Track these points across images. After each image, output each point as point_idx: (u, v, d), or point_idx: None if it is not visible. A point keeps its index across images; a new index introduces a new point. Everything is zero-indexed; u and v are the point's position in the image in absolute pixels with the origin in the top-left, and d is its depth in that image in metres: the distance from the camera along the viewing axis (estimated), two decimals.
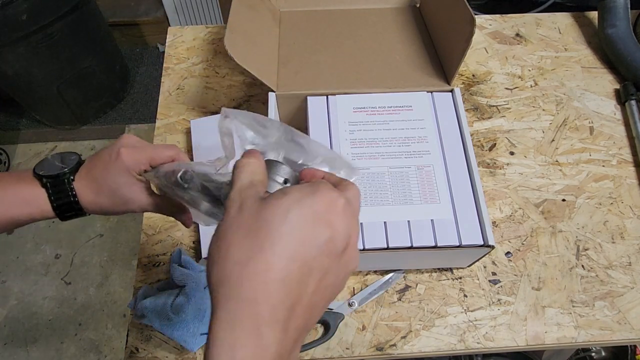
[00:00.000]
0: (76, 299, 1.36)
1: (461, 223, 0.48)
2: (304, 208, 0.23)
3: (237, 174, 0.27)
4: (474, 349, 0.51)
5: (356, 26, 0.67)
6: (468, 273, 0.56)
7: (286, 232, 0.23)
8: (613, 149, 0.66)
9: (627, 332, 0.52)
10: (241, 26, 0.56)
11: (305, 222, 0.23)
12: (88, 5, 1.42)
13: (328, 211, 0.24)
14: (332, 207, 0.24)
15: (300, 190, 0.25)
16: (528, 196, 0.62)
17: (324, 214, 0.24)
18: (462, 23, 0.54)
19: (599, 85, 0.72)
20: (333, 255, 0.24)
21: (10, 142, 1.66)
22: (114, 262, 1.43)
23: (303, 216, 0.23)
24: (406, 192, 0.50)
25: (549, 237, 0.58)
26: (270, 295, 0.22)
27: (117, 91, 1.72)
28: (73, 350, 1.29)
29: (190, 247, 0.58)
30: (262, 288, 0.22)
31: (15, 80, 1.42)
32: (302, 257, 0.23)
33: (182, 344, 0.49)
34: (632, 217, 0.60)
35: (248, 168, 0.27)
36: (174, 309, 0.48)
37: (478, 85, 0.72)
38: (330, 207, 0.24)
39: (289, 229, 0.23)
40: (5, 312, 1.34)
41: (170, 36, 0.79)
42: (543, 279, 0.55)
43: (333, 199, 0.25)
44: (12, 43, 1.28)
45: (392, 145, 0.53)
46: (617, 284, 0.55)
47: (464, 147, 0.53)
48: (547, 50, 0.76)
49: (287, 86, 0.58)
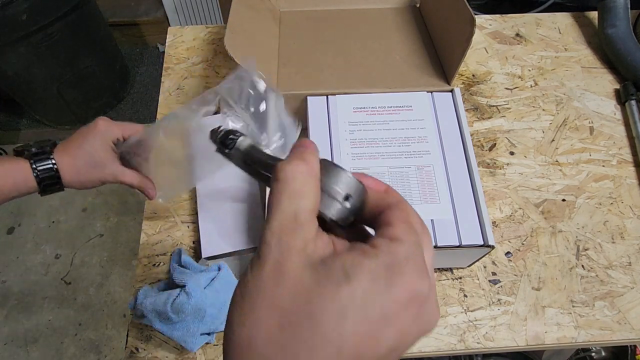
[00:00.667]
0: (76, 299, 1.36)
1: (461, 223, 0.48)
2: (371, 310, 0.17)
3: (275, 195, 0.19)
4: (474, 349, 0.51)
5: (356, 26, 0.67)
6: (468, 273, 0.56)
7: (335, 337, 0.16)
8: (613, 149, 0.66)
9: (627, 332, 0.52)
10: (241, 26, 0.56)
11: (367, 332, 0.16)
12: (88, 5, 1.43)
13: (403, 312, 0.17)
14: (410, 307, 0.17)
15: (373, 276, 0.17)
16: (528, 196, 0.62)
17: (396, 317, 0.17)
18: (462, 23, 0.54)
19: (599, 85, 0.72)
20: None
21: (10, 142, 1.66)
22: (114, 262, 1.43)
23: (367, 323, 0.17)
24: (406, 192, 0.50)
25: (549, 237, 0.58)
26: None
27: (117, 91, 1.72)
28: (73, 350, 1.29)
29: (190, 247, 0.58)
30: None
31: (15, 80, 1.42)
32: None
33: (182, 344, 0.49)
34: (632, 217, 0.60)
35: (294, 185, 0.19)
36: (174, 309, 0.48)
37: (478, 85, 0.72)
38: (407, 307, 0.17)
39: (340, 333, 0.16)
40: (5, 312, 1.35)
41: (170, 36, 0.79)
42: (543, 279, 0.55)
43: (415, 294, 0.17)
44: (12, 43, 1.28)
45: (392, 145, 0.53)
46: (617, 284, 0.55)
47: (464, 147, 0.53)
48: (547, 50, 0.76)
49: (287, 86, 0.58)
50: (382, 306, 0.17)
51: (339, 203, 0.20)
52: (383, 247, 0.18)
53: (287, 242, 0.18)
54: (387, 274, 0.17)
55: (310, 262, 0.18)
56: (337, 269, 0.17)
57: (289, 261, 0.18)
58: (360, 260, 0.18)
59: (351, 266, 0.17)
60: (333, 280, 0.17)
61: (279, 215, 0.19)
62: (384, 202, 0.21)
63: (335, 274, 0.17)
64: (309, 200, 0.19)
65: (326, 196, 0.20)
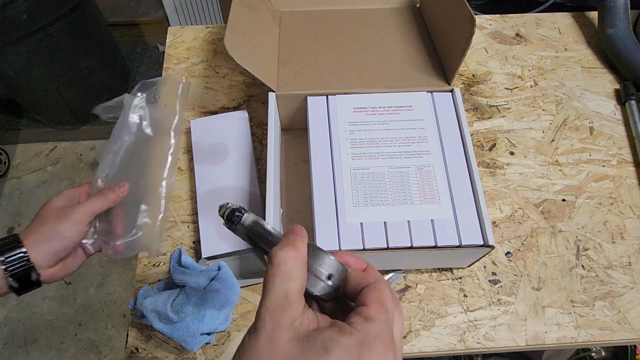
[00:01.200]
0: (76, 299, 1.36)
1: (461, 223, 0.48)
2: None
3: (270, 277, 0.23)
4: (474, 349, 0.51)
5: (356, 26, 0.67)
6: (468, 273, 0.56)
7: None
8: (613, 149, 0.66)
9: (627, 332, 0.52)
10: (241, 26, 0.56)
11: None
12: (88, 5, 1.42)
13: None
14: None
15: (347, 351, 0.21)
16: (528, 196, 0.62)
17: None
18: (462, 23, 0.54)
19: (599, 85, 0.72)
20: None
21: (10, 142, 1.66)
22: (114, 262, 1.43)
23: None
24: (406, 192, 0.50)
25: (549, 237, 0.58)
26: None
27: (117, 91, 1.72)
28: (73, 350, 1.29)
29: (190, 247, 0.58)
30: None
31: (15, 80, 1.42)
32: None
33: (182, 344, 0.49)
34: (632, 217, 0.60)
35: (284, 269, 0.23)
36: (174, 309, 0.48)
37: (478, 85, 0.72)
38: None
39: None
40: (5, 312, 1.34)
41: (170, 36, 0.79)
42: (543, 279, 0.55)
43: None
44: (12, 43, 1.28)
45: (392, 145, 0.53)
46: (617, 284, 0.55)
47: (464, 147, 0.53)
48: (547, 50, 0.76)
49: (287, 86, 0.58)
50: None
51: (323, 282, 0.25)
52: (357, 325, 0.22)
53: (278, 319, 0.22)
54: (358, 349, 0.21)
55: (297, 336, 0.22)
56: (318, 344, 0.21)
57: (279, 335, 0.22)
58: (337, 337, 0.22)
59: (330, 341, 0.21)
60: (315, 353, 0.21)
61: (272, 295, 0.23)
62: (364, 281, 0.25)
63: (316, 348, 0.21)
64: (297, 282, 0.23)
65: (312, 276, 0.24)
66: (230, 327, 0.52)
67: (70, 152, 1.65)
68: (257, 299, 0.54)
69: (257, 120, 0.68)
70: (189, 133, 0.66)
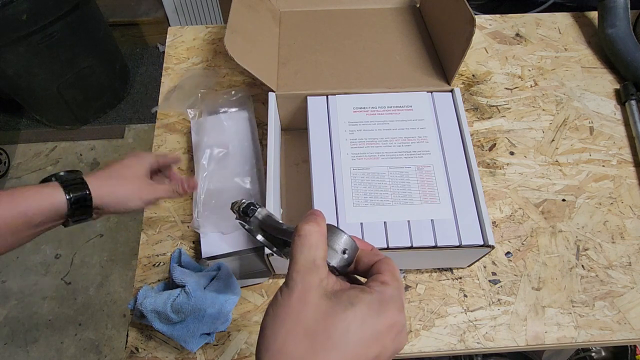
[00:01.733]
0: (76, 299, 1.36)
1: (461, 223, 0.48)
2: (366, 328, 0.24)
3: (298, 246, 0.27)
4: (474, 349, 0.51)
5: (356, 26, 0.67)
6: (468, 273, 0.56)
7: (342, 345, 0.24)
8: (613, 149, 0.66)
9: (627, 332, 0.52)
10: (241, 26, 0.56)
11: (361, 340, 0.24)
12: (88, 5, 1.42)
13: (386, 334, 0.25)
14: (391, 331, 0.25)
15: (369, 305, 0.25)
16: (528, 196, 0.61)
17: (381, 337, 0.25)
18: (462, 23, 0.54)
19: (599, 85, 0.72)
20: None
21: (10, 142, 1.66)
22: (114, 262, 1.43)
23: (362, 335, 0.24)
24: (406, 192, 0.50)
25: (549, 237, 0.58)
26: None
27: (117, 91, 1.72)
28: (73, 350, 1.29)
29: (190, 247, 0.58)
30: None
31: (15, 80, 1.42)
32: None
33: (182, 344, 0.49)
34: (632, 217, 0.60)
35: (311, 240, 0.27)
36: (174, 309, 0.48)
37: (478, 85, 0.72)
38: (389, 331, 0.25)
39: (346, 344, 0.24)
40: (5, 312, 1.34)
41: (170, 36, 0.79)
42: (543, 279, 0.55)
43: (396, 323, 0.25)
44: (12, 43, 1.28)
45: (392, 145, 0.53)
46: (617, 284, 0.55)
47: (464, 147, 0.53)
48: (547, 50, 0.76)
49: (287, 86, 0.58)
50: (374, 327, 0.24)
51: (339, 254, 0.28)
52: (376, 288, 0.26)
53: (309, 280, 0.25)
54: (378, 306, 0.25)
55: (326, 293, 0.25)
56: (344, 299, 0.25)
57: (310, 293, 0.25)
58: (360, 294, 0.25)
59: (354, 297, 0.25)
60: (342, 307, 0.24)
61: (301, 260, 0.26)
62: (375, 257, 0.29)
63: (343, 302, 0.25)
64: (321, 251, 0.27)
65: (330, 249, 0.28)
66: (230, 327, 0.52)
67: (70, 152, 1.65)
68: (257, 299, 0.54)
69: (257, 120, 0.68)
70: (189, 133, 0.66)
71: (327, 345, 0.23)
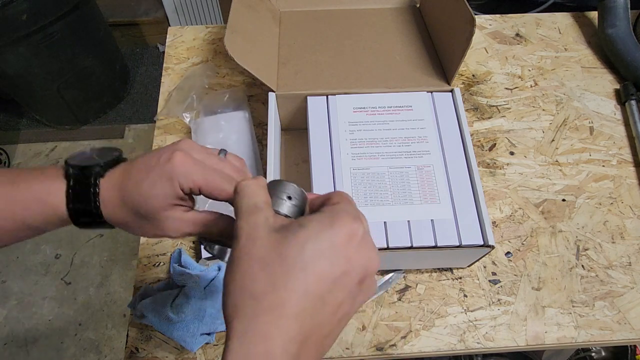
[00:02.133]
0: (76, 299, 1.36)
1: (461, 223, 0.48)
2: (322, 242, 0.23)
3: (237, 200, 0.27)
4: (474, 349, 0.51)
5: (356, 26, 0.67)
6: (468, 273, 0.56)
7: (301, 267, 0.22)
8: (613, 149, 0.66)
9: (627, 332, 0.52)
10: (241, 26, 0.56)
11: (321, 257, 0.23)
12: (88, 5, 1.43)
13: (346, 245, 0.24)
14: (351, 241, 0.24)
15: (319, 221, 0.24)
16: (528, 196, 0.62)
17: (342, 248, 0.23)
18: (462, 23, 0.54)
19: (599, 85, 0.72)
20: (348, 288, 0.24)
21: (10, 142, 1.66)
22: (114, 262, 1.43)
23: (320, 251, 0.23)
24: (406, 192, 0.50)
25: (549, 237, 0.58)
26: (283, 330, 0.22)
27: (117, 91, 1.72)
28: (73, 350, 1.29)
29: (190, 247, 0.58)
30: (276, 323, 0.22)
31: (15, 80, 1.42)
32: (316, 292, 0.23)
33: (182, 344, 0.49)
34: (632, 217, 0.60)
35: (247, 190, 0.27)
36: (174, 309, 0.48)
37: (478, 85, 0.72)
38: (348, 241, 0.24)
39: (305, 264, 0.23)
40: (5, 312, 1.35)
41: (170, 36, 0.79)
42: (543, 279, 0.55)
43: (352, 231, 0.24)
44: (12, 43, 1.28)
45: (392, 145, 0.53)
46: (617, 284, 0.55)
47: (464, 147, 0.53)
48: (547, 50, 0.76)
49: (287, 86, 0.58)
50: (330, 240, 0.23)
51: (285, 201, 0.29)
52: (326, 209, 0.26)
53: (253, 220, 0.25)
54: (329, 219, 0.24)
55: (274, 228, 0.25)
56: (293, 225, 0.24)
57: (256, 230, 0.24)
58: (309, 216, 0.25)
59: (303, 220, 0.25)
60: (292, 231, 0.24)
61: (243, 207, 0.26)
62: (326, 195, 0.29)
63: (293, 227, 0.24)
64: (262, 197, 0.27)
65: (276, 198, 0.28)
66: None
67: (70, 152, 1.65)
68: None
69: (257, 120, 0.68)
70: (189, 133, 0.66)
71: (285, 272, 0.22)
